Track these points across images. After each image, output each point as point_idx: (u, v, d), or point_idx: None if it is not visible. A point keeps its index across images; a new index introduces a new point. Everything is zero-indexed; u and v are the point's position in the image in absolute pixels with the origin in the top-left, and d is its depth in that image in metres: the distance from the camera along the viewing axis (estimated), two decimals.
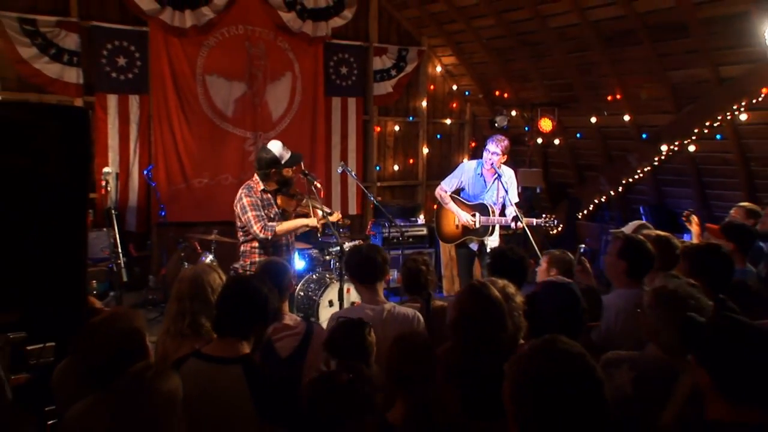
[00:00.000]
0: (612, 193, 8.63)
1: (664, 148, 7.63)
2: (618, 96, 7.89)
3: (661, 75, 7.26)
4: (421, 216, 9.10)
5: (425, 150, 10.12)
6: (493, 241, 6.12)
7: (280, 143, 5.12)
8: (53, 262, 2.56)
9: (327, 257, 6.89)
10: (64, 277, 2.62)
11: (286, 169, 5.05)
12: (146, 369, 2.14)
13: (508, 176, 6.15)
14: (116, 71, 7.51)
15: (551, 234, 6.20)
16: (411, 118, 9.96)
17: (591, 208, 9.01)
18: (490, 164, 6.04)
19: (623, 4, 6.80)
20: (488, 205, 6.07)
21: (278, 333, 3.27)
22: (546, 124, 8.63)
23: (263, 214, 4.88)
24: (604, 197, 8.77)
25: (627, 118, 7.97)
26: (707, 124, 7.08)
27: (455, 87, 10.33)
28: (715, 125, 7.04)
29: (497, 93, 9.65)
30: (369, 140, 9.54)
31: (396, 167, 9.96)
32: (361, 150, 9.40)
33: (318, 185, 5.17)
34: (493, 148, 6.01)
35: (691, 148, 7.45)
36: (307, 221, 5.06)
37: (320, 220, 5.15)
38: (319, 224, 5.04)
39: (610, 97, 8.00)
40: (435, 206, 9.76)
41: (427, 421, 2.24)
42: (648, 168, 8.07)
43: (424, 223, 8.82)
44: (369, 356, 2.68)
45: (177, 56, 7.80)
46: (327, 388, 2.18)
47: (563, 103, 8.72)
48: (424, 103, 9.98)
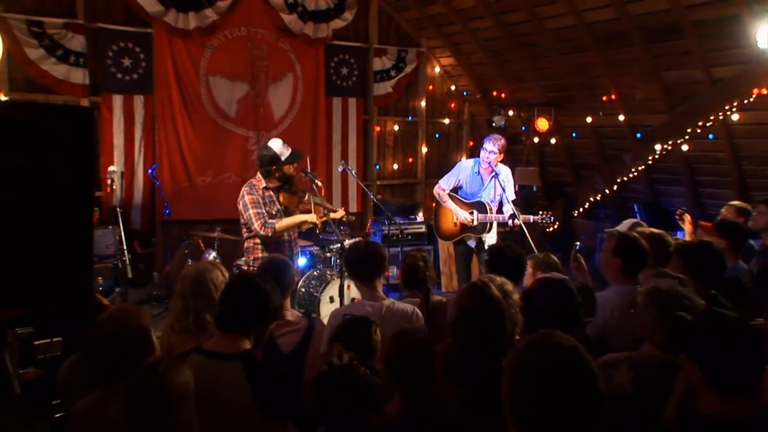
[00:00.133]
0: (607, 191, 8.63)
1: (658, 147, 7.63)
2: (613, 96, 7.89)
3: (654, 76, 7.25)
4: (420, 214, 9.10)
5: (424, 149, 10.11)
6: (490, 238, 6.13)
7: (281, 141, 5.13)
8: (60, 259, 2.56)
9: (328, 254, 6.89)
10: (70, 274, 2.62)
11: (287, 166, 5.06)
12: (159, 362, 2.13)
13: (505, 174, 6.16)
14: (121, 72, 7.51)
15: (548, 231, 6.19)
16: (410, 117, 9.95)
17: (587, 206, 9.01)
18: (487, 163, 6.05)
19: (618, 6, 6.79)
20: (485, 203, 6.09)
21: (280, 329, 3.28)
22: (542, 124, 8.63)
23: (264, 211, 4.90)
24: (599, 195, 8.77)
25: (622, 118, 7.97)
26: (700, 124, 7.07)
27: (453, 87, 10.32)
28: (707, 125, 7.03)
29: (495, 93, 9.64)
30: (369, 139, 9.54)
31: (395, 166, 9.96)
32: (362, 149, 9.39)
33: (319, 183, 5.17)
34: (490, 147, 6.02)
35: (685, 147, 7.45)
36: (307, 217, 5.06)
37: (321, 217, 5.16)
38: (318, 221, 5.04)
39: (605, 98, 8.00)
40: (433, 204, 9.81)
41: (423, 414, 2.24)
42: (642, 167, 8.07)
43: (423, 220, 8.82)
44: (374, 354, 2.67)
45: (181, 57, 7.79)
46: (344, 380, 2.15)
47: (559, 103, 8.72)
48: (423, 103, 9.97)
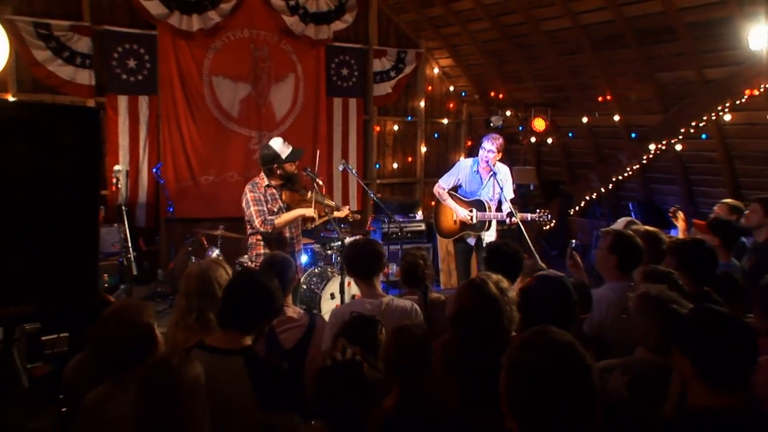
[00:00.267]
0: (603, 190, 8.62)
1: (652, 147, 7.63)
2: (608, 97, 7.89)
3: (649, 77, 7.25)
4: (420, 212, 9.10)
5: (423, 148, 10.11)
6: (489, 236, 6.12)
7: (281, 139, 5.14)
8: (67, 256, 2.56)
9: (329, 252, 6.90)
10: (77, 271, 2.62)
11: (288, 164, 5.06)
12: (172, 356, 2.12)
13: (503, 173, 6.16)
14: (126, 73, 7.51)
15: (544, 229, 6.19)
16: (409, 117, 9.94)
17: (582, 205, 9.00)
18: (486, 162, 6.05)
19: (613, 9, 6.79)
20: (484, 201, 6.08)
21: (282, 325, 3.28)
22: (539, 124, 8.63)
23: (265, 208, 4.93)
24: (595, 194, 8.76)
25: (617, 118, 7.97)
26: (693, 124, 7.07)
27: (452, 88, 10.31)
28: (700, 125, 7.04)
29: (492, 94, 9.64)
30: (369, 139, 9.54)
31: (395, 165, 9.96)
32: (362, 148, 9.39)
33: (320, 182, 5.17)
34: (489, 146, 6.01)
35: (678, 147, 7.46)
36: (304, 211, 5.05)
37: (321, 215, 5.17)
38: (315, 213, 5.04)
39: (600, 98, 8.00)
40: (432, 203, 9.83)
41: (419, 408, 2.24)
42: (637, 166, 8.07)
43: (422, 218, 8.83)
44: (378, 354, 2.66)
45: (185, 58, 7.79)
46: (346, 375, 2.12)
47: (556, 104, 8.72)
48: (422, 104, 9.96)
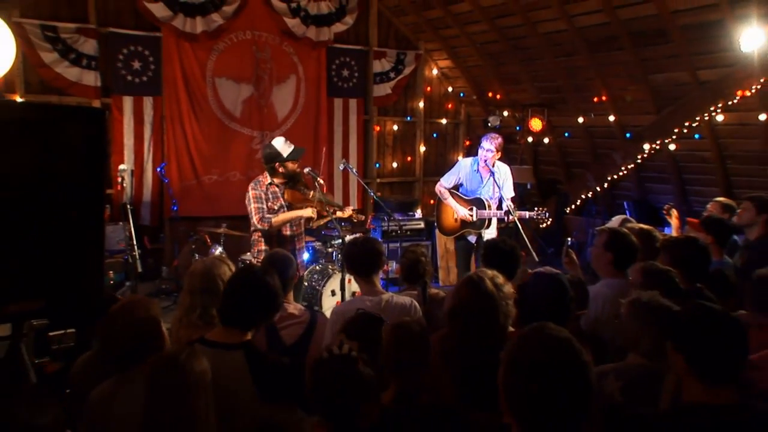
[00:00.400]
0: (598, 188, 8.63)
1: (646, 146, 7.64)
2: (603, 98, 7.89)
3: (643, 78, 7.26)
4: (419, 210, 9.11)
5: (422, 148, 10.11)
6: (490, 234, 6.07)
7: (283, 139, 5.14)
8: (73, 254, 2.56)
9: (330, 249, 6.90)
10: (83, 268, 2.63)
11: (290, 162, 5.06)
12: (180, 351, 2.11)
13: (503, 172, 6.13)
14: (131, 74, 7.51)
15: (541, 227, 6.18)
16: (409, 118, 9.94)
17: (578, 203, 9.01)
18: (484, 161, 6.03)
19: (608, 11, 6.79)
20: (484, 200, 6.06)
21: (283, 321, 3.27)
22: (536, 124, 8.63)
23: (264, 206, 4.96)
24: (590, 193, 8.77)
25: (612, 118, 7.97)
26: (686, 124, 7.08)
27: (450, 89, 10.31)
28: (693, 125, 7.04)
29: (490, 94, 9.64)
30: (369, 139, 9.54)
31: (395, 164, 9.96)
32: (362, 148, 9.39)
33: (321, 181, 5.16)
34: (488, 146, 5.99)
35: (672, 146, 7.46)
36: (302, 212, 5.05)
37: (324, 215, 5.17)
38: (314, 214, 5.02)
39: (595, 99, 8.00)
40: (431, 201, 9.84)
41: (415, 402, 2.24)
42: (631, 165, 8.08)
43: (421, 217, 8.82)
44: (378, 352, 2.63)
45: (188, 60, 7.79)
46: (341, 369, 2.11)
47: (552, 104, 8.72)
48: (421, 104, 9.97)
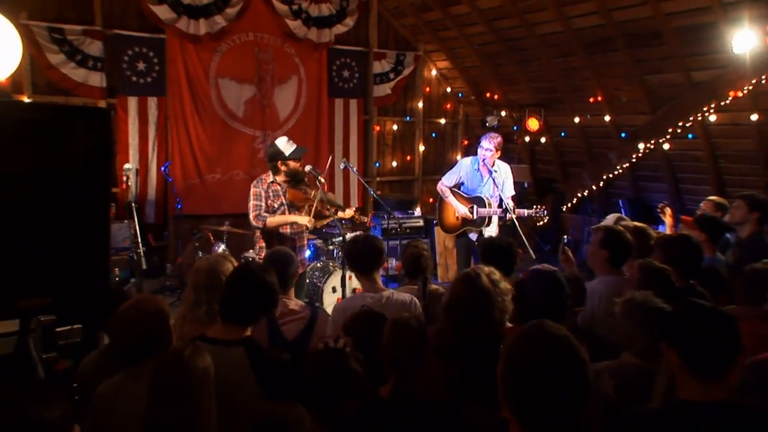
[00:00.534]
0: (594, 187, 8.64)
1: (641, 146, 7.64)
2: (599, 98, 7.89)
3: (638, 79, 7.26)
4: (418, 208, 9.11)
5: (421, 147, 10.11)
6: (490, 231, 6.03)
7: (285, 138, 5.14)
8: (79, 251, 2.56)
9: (330, 247, 6.90)
10: (89, 265, 2.63)
11: (292, 161, 5.04)
12: (184, 347, 2.11)
13: (503, 171, 6.10)
14: (136, 75, 7.51)
15: (538, 225, 6.17)
16: (408, 118, 9.94)
17: (574, 202, 9.02)
18: (483, 160, 6.02)
19: (603, 13, 6.79)
20: (484, 198, 6.03)
21: (284, 317, 3.27)
22: (533, 124, 8.64)
23: (263, 204, 4.96)
24: (586, 191, 8.77)
25: (607, 118, 7.98)
26: (680, 124, 7.09)
27: (449, 89, 10.31)
28: (687, 125, 7.06)
29: (488, 95, 9.64)
30: (369, 138, 9.53)
31: (394, 163, 9.96)
32: (362, 147, 9.39)
33: (322, 180, 5.15)
34: (487, 145, 5.97)
35: (666, 146, 7.47)
36: (297, 219, 5.01)
37: (326, 215, 5.17)
38: (309, 224, 4.97)
39: (591, 99, 8.01)
40: (431, 200, 9.85)
41: (412, 396, 2.24)
42: (626, 164, 8.09)
43: (420, 215, 8.82)
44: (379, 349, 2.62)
45: (192, 61, 7.79)
46: (331, 363, 2.14)
47: (549, 105, 8.72)
48: (420, 104, 9.97)
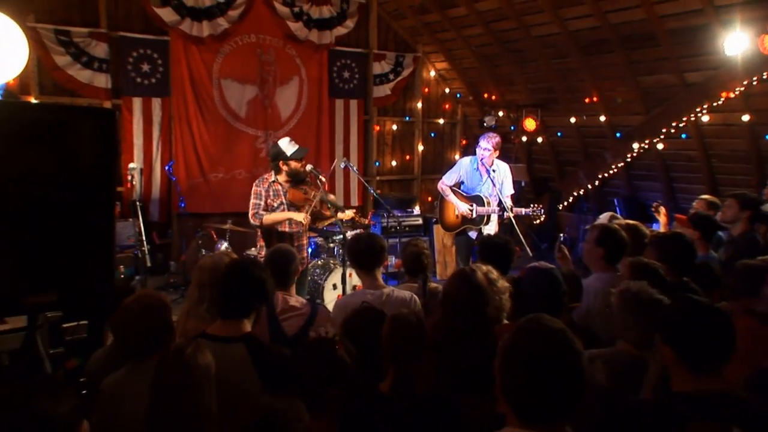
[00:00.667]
0: (589, 186, 8.64)
1: (635, 146, 7.65)
2: (594, 99, 7.90)
3: (632, 80, 7.27)
4: (417, 207, 9.11)
5: (420, 147, 10.10)
6: (489, 229, 6.02)
7: (288, 138, 5.13)
8: (85, 249, 2.57)
9: (331, 245, 6.90)
10: (94, 262, 2.63)
11: (293, 162, 5.03)
12: (186, 345, 2.11)
13: (502, 170, 6.07)
14: (141, 76, 7.50)
15: (534, 223, 6.17)
16: (407, 118, 9.94)
17: (570, 200, 9.03)
18: (481, 159, 6.01)
19: (599, 16, 6.79)
20: (483, 197, 6.03)
21: (285, 313, 3.29)
22: (530, 124, 8.64)
23: (261, 203, 4.98)
24: (582, 190, 8.78)
25: (603, 118, 7.98)
26: (674, 124, 7.10)
27: (447, 90, 10.31)
28: (680, 126, 7.07)
29: (486, 95, 9.64)
30: (369, 138, 9.53)
31: (394, 163, 9.95)
32: (362, 147, 9.38)
33: (323, 178, 5.14)
34: (485, 144, 5.96)
35: (660, 146, 7.48)
36: (293, 215, 4.99)
37: (328, 215, 5.17)
38: (305, 221, 4.96)
39: (587, 100, 8.01)
40: (429, 198, 9.85)
41: (410, 391, 2.24)
42: (621, 164, 8.09)
43: (419, 213, 8.82)
44: (379, 345, 2.62)
45: (195, 62, 7.78)
46: (317, 351, 2.16)
47: (545, 105, 8.72)
48: (420, 105, 9.96)
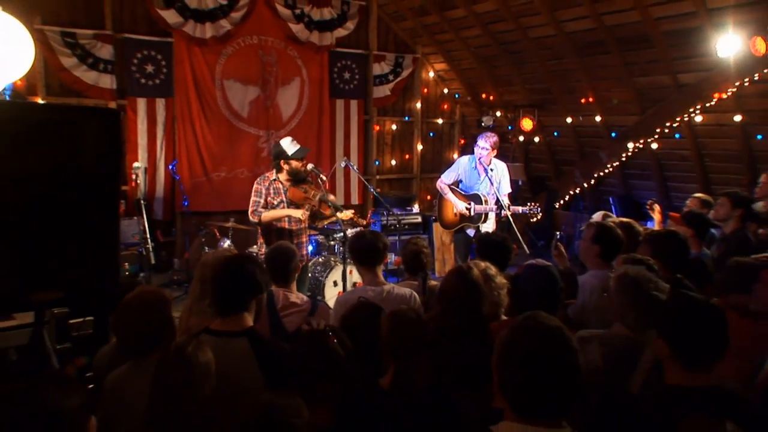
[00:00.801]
0: (585, 185, 8.64)
1: (630, 145, 7.65)
2: (590, 99, 7.90)
3: (627, 81, 7.27)
4: (416, 205, 9.11)
5: (419, 146, 10.11)
6: (487, 227, 6.03)
7: (290, 138, 5.14)
8: (90, 246, 2.57)
9: (332, 242, 6.90)
10: (99, 260, 2.63)
11: (294, 161, 5.03)
12: (187, 342, 2.11)
13: (500, 169, 6.07)
14: (145, 77, 7.50)
15: (531, 222, 6.18)
16: (407, 118, 9.94)
17: (567, 199, 9.03)
18: (479, 158, 6.01)
19: (595, 18, 6.79)
20: (481, 195, 6.03)
21: (286, 310, 3.30)
22: (527, 124, 8.64)
23: (261, 200, 4.99)
24: (578, 189, 8.78)
25: (598, 118, 7.98)
26: (668, 124, 7.11)
27: (446, 90, 10.31)
28: (674, 126, 7.08)
29: (484, 96, 9.64)
30: (369, 138, 9.53)
31: (393, 162, 9.95)
32: (362, 146, 9.38)
33: (323, 177, 5.14)
34: (483, 144, 5.96)
35: (654, 145, 7.48)
36: (291, 212, 5.00)
37: (328, 215, 5.17)
38: (303, 217, 4.96)
39: (583, 100, 8.01)
40: (428, 197, 9.85)
41: (409, 386, 2.25)
42: (616, 163, 8.10)
43: (418, 211, 8.82)
44: (378, 341, 2.62)
45: (198, 64, 7.78)
46: (310, 343, 2.17)
47: (542, 105, 8.72)
48: (419, 105, 9.96)
